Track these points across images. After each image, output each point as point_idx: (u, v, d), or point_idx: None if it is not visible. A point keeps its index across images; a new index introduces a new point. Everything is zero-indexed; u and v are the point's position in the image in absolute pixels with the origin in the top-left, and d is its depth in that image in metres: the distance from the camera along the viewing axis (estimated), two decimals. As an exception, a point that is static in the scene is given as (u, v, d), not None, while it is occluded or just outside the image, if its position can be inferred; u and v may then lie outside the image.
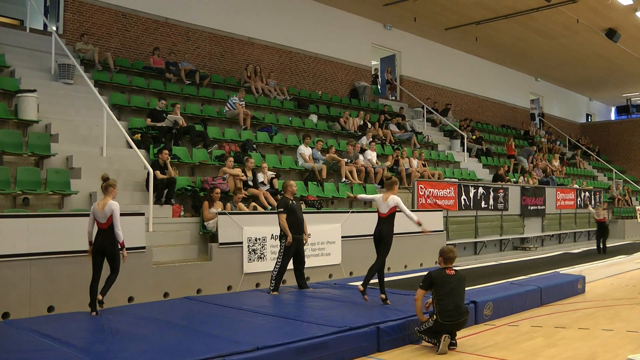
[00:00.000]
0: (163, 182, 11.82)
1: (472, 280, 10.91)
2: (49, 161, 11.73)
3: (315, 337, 6.78)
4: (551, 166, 28.41)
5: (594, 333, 8.52)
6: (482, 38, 27.99)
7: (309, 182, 15.31)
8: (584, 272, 13.33)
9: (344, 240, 12.98)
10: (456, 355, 7.29)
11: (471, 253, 18.58)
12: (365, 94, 25.01)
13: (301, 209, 10.89)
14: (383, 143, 20.89)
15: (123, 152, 13.12)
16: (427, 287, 7.65)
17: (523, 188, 21.49)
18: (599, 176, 34.98)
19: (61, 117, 13.37)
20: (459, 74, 30.81)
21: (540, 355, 7.26)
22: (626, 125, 41.72)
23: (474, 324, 8.91)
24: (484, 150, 26.28)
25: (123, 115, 15.03)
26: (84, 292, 8.28)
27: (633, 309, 9.71)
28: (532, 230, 21.70)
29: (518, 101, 35.78)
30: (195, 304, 9.10)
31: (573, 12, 23.98)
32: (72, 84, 14.82)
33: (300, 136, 17.95)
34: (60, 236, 8.78)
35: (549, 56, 31.47)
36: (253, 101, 18.95)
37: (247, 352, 6.11)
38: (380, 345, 7.43)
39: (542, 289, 10.78)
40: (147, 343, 6.55)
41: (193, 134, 14.78)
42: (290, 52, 22.74)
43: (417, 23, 25.73)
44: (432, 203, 16.69)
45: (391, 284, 11.16)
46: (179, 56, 18.80)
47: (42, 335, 6.85)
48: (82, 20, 17.18)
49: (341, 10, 24.20)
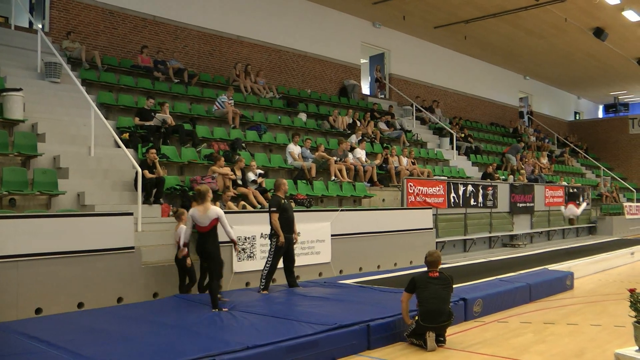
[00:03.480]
0: (152, 181, 11.75)
1: (462, 278, 10.94)
2: (36, 161, 11.63)
3: (305, 336, 6.78)
4: (540, 164, 28.51)
5: (583, 328, 8.57)
6: (471, 36, 28.07)
7: (298, 181, 15.29)
8: (572, 268, 13.38)
9: (333, 239, 12.95)
10: (446, 352, 7.31)
11: (460, 250, 18.60)
12: (354, 92, 25.00)
13: (292, 208, 10.88)
14: (372, 141, 20.90)
15: (111, 152, 13.04)
16: (411, 290, 7.74)
17: (512, 185, 21.55)
18: (587, 173, 35.18)
19: (48, 116, 13.27)
20: (448, 72, 30.89)
21: (529, 351, 7.29)
22: (614, 123, 41.96)
23: (464, 321, 8.94)
24: (473, 148, 26.34)
25: (111, 114, 14.94)
26: (71, 294, 8.24)
27: (620, 305, 9.74)
28: (521, 227, 21.75)
29: (507, 99, 35.91)
30: (185, 303, 9.06)
31: (561, 11, 24.11)
32: (58, 83, 14.72)
33: (289, 135, 17.93)
34: (47, 237, 8.68)
35: (538, 55, 31.60)
36: (242, 100, 18.89)
37: (237, 351, 6.10)
38: (370, 343, 7.44)
39: (531, 286, 10.84)
40: (137, 344, 6.52)
41: (182, 133, 14.72)
42: (279, 50, 22.70)
43: (407, 21, 25.76)
44: (422, 201, 16.70)
45: (381, 281, 11.20)
46: (168, 54, 18.72)
47: (30, 337, 6.80)
48: (68, 18, 17.07)
49: (330, 9, 24.20)
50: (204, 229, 8.76)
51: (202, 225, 8.75)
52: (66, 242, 8.75)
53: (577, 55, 31.49)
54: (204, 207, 8.73)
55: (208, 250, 8.82)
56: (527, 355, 7.11)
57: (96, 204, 10.97)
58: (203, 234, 8.80)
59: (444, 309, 7.57)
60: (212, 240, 8.83)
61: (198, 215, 8.73)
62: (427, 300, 7.49)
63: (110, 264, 9.28)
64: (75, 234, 8.96)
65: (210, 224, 8.74)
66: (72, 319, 7.94)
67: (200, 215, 8.72)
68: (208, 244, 8.80)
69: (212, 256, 8.85)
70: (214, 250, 8.82)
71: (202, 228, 8.77)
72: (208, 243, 8.80)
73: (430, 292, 7.54)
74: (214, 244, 8.84)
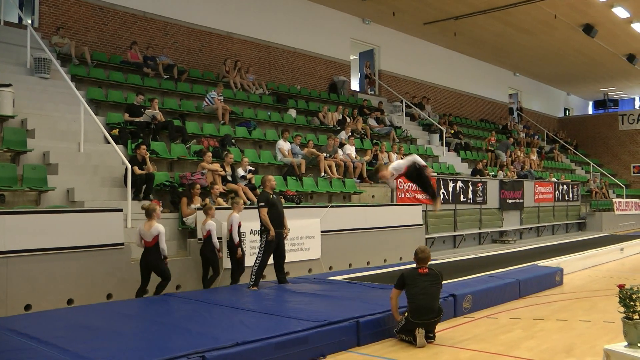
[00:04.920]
0: (141, 177, 11.72)
1: (451, 274, 10.95)
2: (26, 157, 11.59)
3: (294, 332, 6.78)
4: (529, 160, 28.60)
5: (572, 324, 8.61)
6: (461, 33, 28.09)
7: (288, 177, 15.28)
8: (561, 264, 13.44)
9: (323, 235, 12.97)
10: (435, 348, 7.32)
11: (450, 246, 18.66)
12: (344, 89, 25.00)
13: (281, 203, 10.89)
14: (362, 137, 20.91)
15: (101, 148, 13.00)
16: (400, 286, 7.76)
17: (502, 182, 21.62)
18: (577, 169, 35.31)
19: (37, 112, 13.23)
20: (438, 68, 30.90)
21: (519, 347, 7.32)
22: (603, 119, 42.11)
23: (453, 317, 8.97)
24: (463, 145, 26.39)
25: (100, 110, 14.89)
26: (61, 290, 8.22)
27: (609, 300, 9.80)
28: (510, 223, 21.85)
29: (496, 96, 35.99)
30: (175, 300, 9.05)
31: (551, 8, 24.19)
32: (48, 79, 14.66)
33: (279, 131, 17.91)
34: (37, 233, 8.67)
35: (527, 51, 31.68)
36: (232, 96, 18.87)
37: (226, 347, 6.09)
38: (360, 340, 7.44)
39: (521, 282, 10.87)
40: (127, 340, 6.50)
41: (171, 129, 14.67)
42: (269, 46, 22.66)
43: (396, 18, 25.75)
44: (411, 197, 16.74)
45: (371, 277, 11.21)
46: (157, 50, 18.65)
47: (20, 334, 6.76)
48: (58, 13, 16.98)
49: (320, 5, 24.17)
50: (148, 244, 9.45)
51: (147, 240, 9.46)
52: (56, 238, 8.74)
53: (567, 52, 31.59)
54: (149, 224, 9.43)
55: (152, 263, 9.51)
56: (517, 351, 7.14)
57: (86, 200, 10.94)
58: (147, 248, 9.47)
59: (434, 306, 7.58)
60: (155, 255, 9.49)
61: (143, 231, 9.50)
62: (417, 296, 7.51)
63: (100, 260, 9.29)
64: (65, 230, 8.95)
65: (153, 240, 9.41)
66: (61, 316, 7.91)
67: (144, 232, 9.47)
68: (151, 258, 9.47)
69: (156, 269, 9.55)
70: (157, 263, 9.51)
71: (147, 243, 9.46)
72: (151, 256, 9.46)
73: (419, 288, 7.55)
74: (157, 257, 9.52)
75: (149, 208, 9.66)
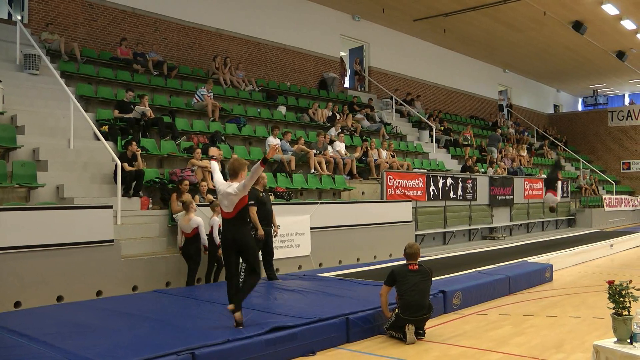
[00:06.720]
0: (131, 174, 11.68)
1: (441, 270, 11.00)
2: (15, 153, 11.54)
3: (284, 329, 6.79)
4: (519, 156, 28.68)
5: (562, 320, 8.66)
6: (451, 30, 28.11)
7: (278, 174, 15.28)
8: (551, 260, 13.49)
9: (313, 232, 12.97)
10: (425, 345, 7.35)
11: (440, 243, 18.70)
12: (333, 85, 24.99)
13: (270, 201, 10.88)
14: (352, 134, 20.92)
15: (90, 144, 12.96)
16: (390, 283, 7.77)
17: (491, 178, 21.69)
18: (567, 166, 35.40)
19: (27, 108, 13.16)
20: (427, 65, 30.89)
21: (508, 343, 7.35)
22: (593, 115, 42.24)
23: (443, 314, 9.00)
24: (453, 141, 26.42)
25: (90, 107, 14.84)
26: (51, 287, 8.19)
27: (599, 296, 9.86)
28: (500, 220, 21.92)
29: (486, 92, 36.03)
30: (165, 297, 9.05)
31: (540, 5, 24.22)
32: (38, 75, 14.60)
33: (268, 127, 17.88)
34: (26, 230, 8.63)
35: (517, 48, 31.74)
36: (221, 92, 18.83)
37: (217, 344, 6.10)
38: (349, 336, 7.46)
39: (511, 278, 10.92)
40: (117, 337, 6.48)
41: (161, 126, 14.64)
42: (258, 43, 22.61)
43: (386, 14, 25.76)
44: (401, 194, 16.76)
45: (360, 274, 11.22)
46: (147, 47, 18.57)
47: (10, 331, 6.74)
48: (47, 9, 16.88)
49: (309, 1, 24.13)
50: (188, 235, 10.25)
51: (186, 232, 10.21)
52: (45, 235, 8.71)
53: (557, 49, 31.66)
54: (187, 217, 10.24)
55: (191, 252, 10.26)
56: (506, 347, 7.18)
57: (75, 196, 10.90)
58: (187, 239, 10.29)
59: (424, 302, 7.60)
60: (195, 245, 10.25)
61: (182, 224, 10.34)
62: (407, 293, 7.53)
63: (90, 257, 9.25)
64: (55, 226, 8.92)
65: (192, 231, 10.21)
66: (51, 313, 7.89)
67: (183, 225, 10.29)
68: (191, 247, 10.28)
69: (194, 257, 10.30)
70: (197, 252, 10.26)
71: (187, 234, 10.21)
72: (191, 246, 10.29)
73: (409, 285, 7.57)
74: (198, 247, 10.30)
75: (186, 201, 10.33)
